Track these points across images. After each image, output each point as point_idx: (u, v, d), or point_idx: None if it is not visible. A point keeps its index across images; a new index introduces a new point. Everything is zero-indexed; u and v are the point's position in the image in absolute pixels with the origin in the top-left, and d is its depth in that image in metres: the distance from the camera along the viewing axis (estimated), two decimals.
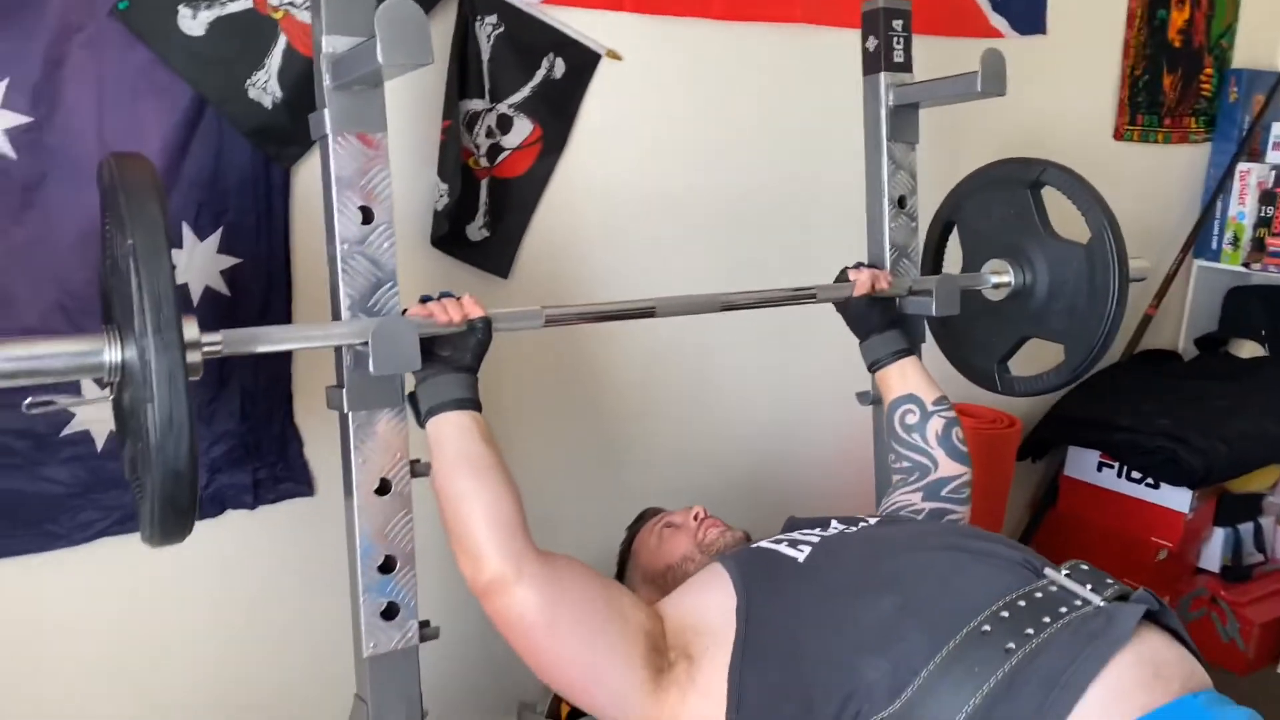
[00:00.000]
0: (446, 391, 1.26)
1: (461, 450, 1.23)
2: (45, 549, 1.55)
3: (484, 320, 1.30)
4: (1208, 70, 2.90)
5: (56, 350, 1.01)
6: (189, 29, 1.49)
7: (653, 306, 1.50)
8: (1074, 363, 1.70)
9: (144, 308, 0.93)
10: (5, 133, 1.41)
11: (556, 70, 1.81)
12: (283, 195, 1.61)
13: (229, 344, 1.13)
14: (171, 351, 0.93)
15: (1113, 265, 1.62)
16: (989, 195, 1.80)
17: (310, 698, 1.75)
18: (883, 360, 1.65)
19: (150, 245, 0.94)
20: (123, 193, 0.97)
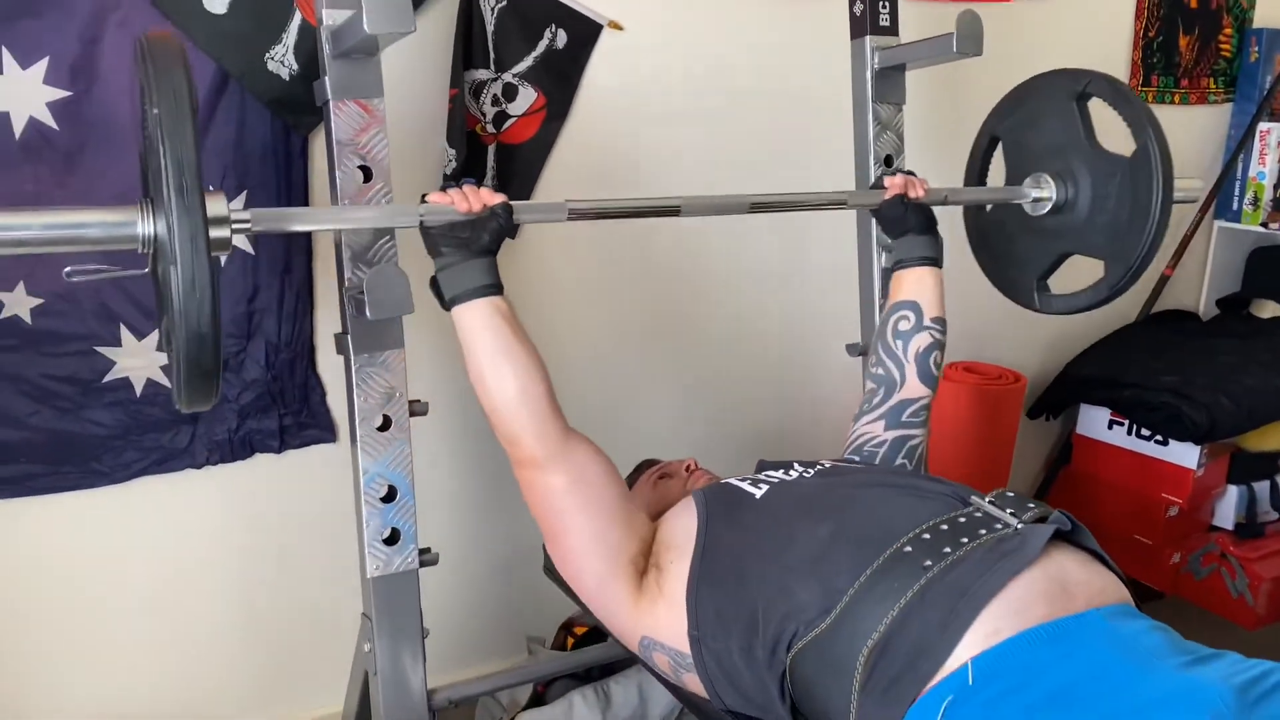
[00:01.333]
0: (469, 278, 1.29)
1: (488, 336, 1.29)
2: (91, 486, 1.71)
3: (504, 206, 1.32)
4: (1227, 30, 2.89)
5: (94, 219, 1.03)
6: (212, 7, 1.62)
7: (678, 205, 1.50)
8: (1113, 279, 1.66)
9: (168, 174, 0.95)
10: (48, 106, 1.55)
11: (559, 40, 1.91)
12: (301, 160, 1.74)
13: (258, 221, 1.19)
14: (193, 215, 0.96)
15: (1156, 179, 1.57)
16: (1034, 107, 1.76)
17: (329, 618, 1.91)
18: (906, 262, 1.64)
19: (175, 115, 0.96)
20: (151, 66, 1.00)
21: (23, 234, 1.01)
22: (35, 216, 1.02)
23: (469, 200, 1.31)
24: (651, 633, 1.29)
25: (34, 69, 1.53)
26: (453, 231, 1.31)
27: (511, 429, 1.29)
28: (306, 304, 1.80)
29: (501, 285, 1.32)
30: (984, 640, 1.03)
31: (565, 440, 1.30)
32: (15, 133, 1.54)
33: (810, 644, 1.12)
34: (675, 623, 1.26)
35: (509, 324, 1.30)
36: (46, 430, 1.65)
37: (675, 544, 1.31)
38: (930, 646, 1.04)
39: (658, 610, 1.28)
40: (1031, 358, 2.79)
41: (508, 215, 1.32)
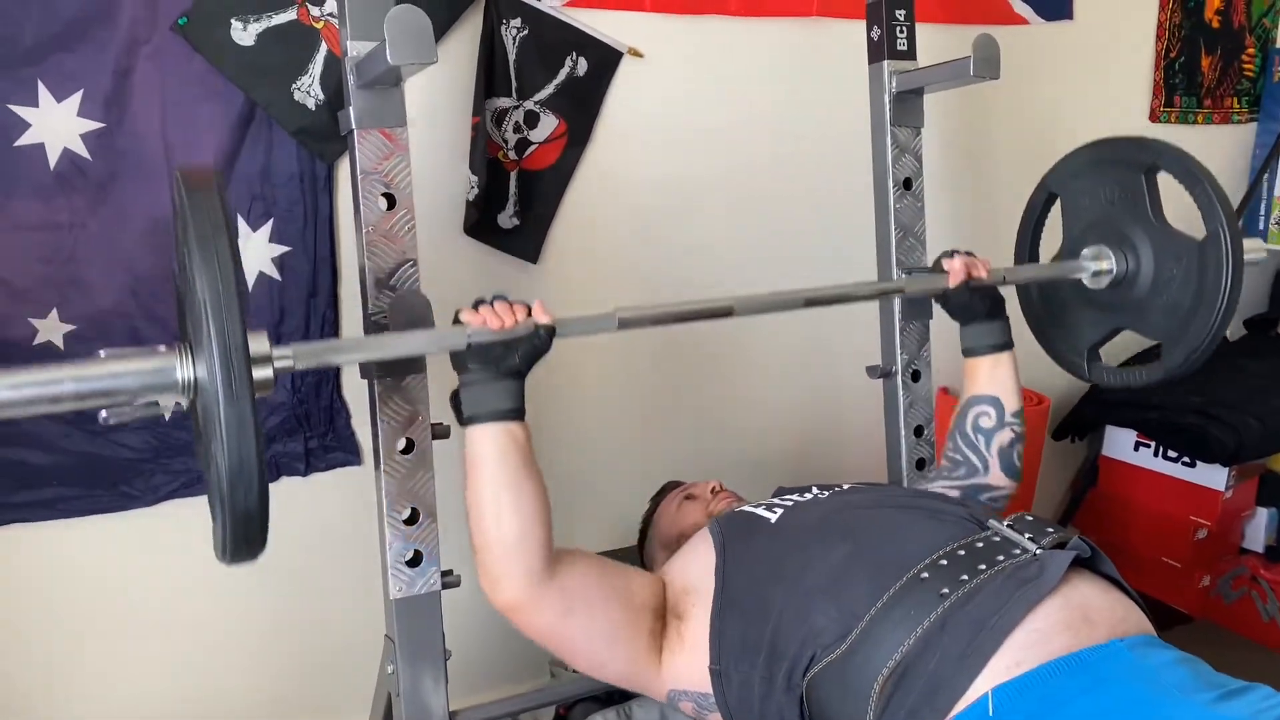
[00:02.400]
0: (490, 401, 1.22)
1: (496, 465, 1.21)
2: (121, 509, 1.74)
3: (548, 329, 1.23)
4: (1249, 50, 2.89)
5: (130, 369, 0.98)
6: (241, 40, 1.66)
7: (730, 306, 1.44)
8: (1171, 364, 1.60)
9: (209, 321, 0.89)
10: (81, 137, 1.59)
11: (579, 68, 1.94)
12: (326, 188, 1.77)
13: (300, 358, 1.13)
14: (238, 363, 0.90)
15: (1226, 270, 1.49)
16: (1100, 173, 1.69)
17: (353, 640, 1.91)
18: (978, 350, 1.59)
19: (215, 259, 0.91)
20: (189, 208, 0.94)
21: (55, 390, 0.95)
22: (69, 371, 0.96)
23: (502, 318, 1.21)
24: (677, 683, 1.29)
25: (68, 102, 1.58)
26: (484, 350, 1.22)
27: (498, 571, 1.22)
28: (332, 328, 1.82)
29: (523, 410, 1.24)
30: (1005, 672, 1.02)
31: (551, 576, 1.23)
32: (50, 164, 1.59)
33: (826, 668, 1.12)
34: (698, 664, 1.27)
35: (521, 455, 1.22)
36: (78, 454, 1.69)
37: (694, 586, 1.31)
38: (949, 678, 1.04)
39: (678, 661, 1.28)
40: (1055, 379, 2.75)
41: (548, 338, 1.23)
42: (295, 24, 1.70)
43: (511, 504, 1.21)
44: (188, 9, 1.62)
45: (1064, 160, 1.76)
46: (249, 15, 1.66)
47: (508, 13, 1.84)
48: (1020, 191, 2.50)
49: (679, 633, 1.29)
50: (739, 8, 2.07)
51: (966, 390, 1.60)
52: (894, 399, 1.89)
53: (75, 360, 0.97)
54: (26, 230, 1.59)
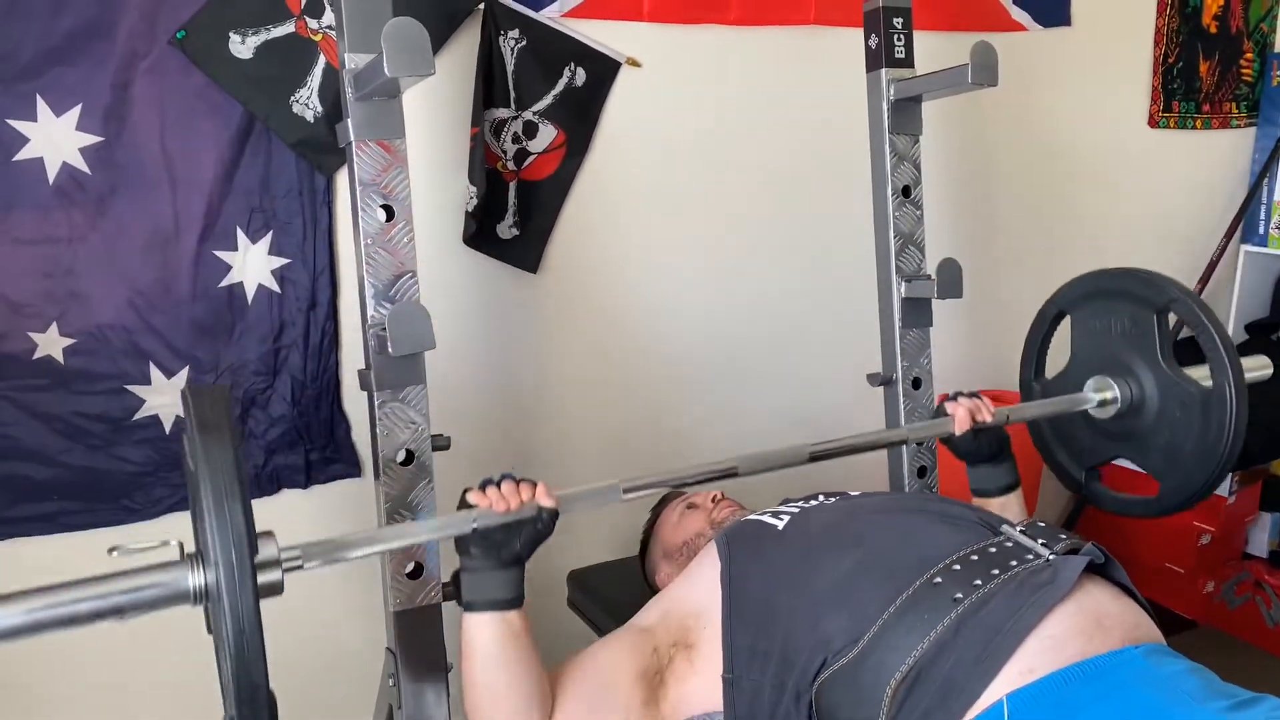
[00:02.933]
0: (488, 590, 1.21)
1: (495, 650, 1.22)
2: (122, 522, 1.74)
3: (551, 513, 1.21)
4: (1248, 55, 2.89)
5: (144, 584, 1.00)
6: (239, 53, 1.67)
7: (734, 466, 1.40)
8: (1167, 504, 1.62)
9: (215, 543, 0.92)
10: (80, 151, 1.60)
11: (578, 79, 1.94)
12: (325, 200, 1.77)
13: (309, 556, 1.14)
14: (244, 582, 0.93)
15: (1229, 425, 1.50)
16: (1111, 302, 1.68)
17: (354, 652, 1.91)
18: (988, 493, 1.60)
19: (223, 484, 0.93)
20: (198, 432, 0.96)
21: (72, 611, 0.96)
22: (85, 590, 0.97)
23: (507, 500, 1.20)
24: (691, 709, 1.28)
25: (67, 116, 1.58)
26: (485, 535, 1.20)
27: None
28: (332, 340, 1.82)
29: (522, 598, 1.24)
30: (1019, 677, 1.02)
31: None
32: (49, 178, 1.59)
33: (837, 674, 1.12)
34: (708, 683, 1.26)
35: (516, 644, 1.22)
36: (78, 468, 1.69)
37: (701, 607, 1.31)
38: (963, 683, 1.04)
39: (687, 688, 1.28)
40: None
41: (551, 522, 1.22)
42: (293, 37, 1.70)
43: (505, 688, 1.21)
44: (186, 22, 1.62)
45: (1077, 281, 1.75)
46: (247, 28, 1.66)
47: (506, 24, 1.84)
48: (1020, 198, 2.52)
49: (689, 660, 1.29)
50: (736, 17, 2.07)
51: None
52: (895, 406, 1.89)
53: (87, 580, 0.98)
54: (26, 244, 1.60)
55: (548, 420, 2.08)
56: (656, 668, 1.28)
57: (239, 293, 1.75)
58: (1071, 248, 2.66)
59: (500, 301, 1.99)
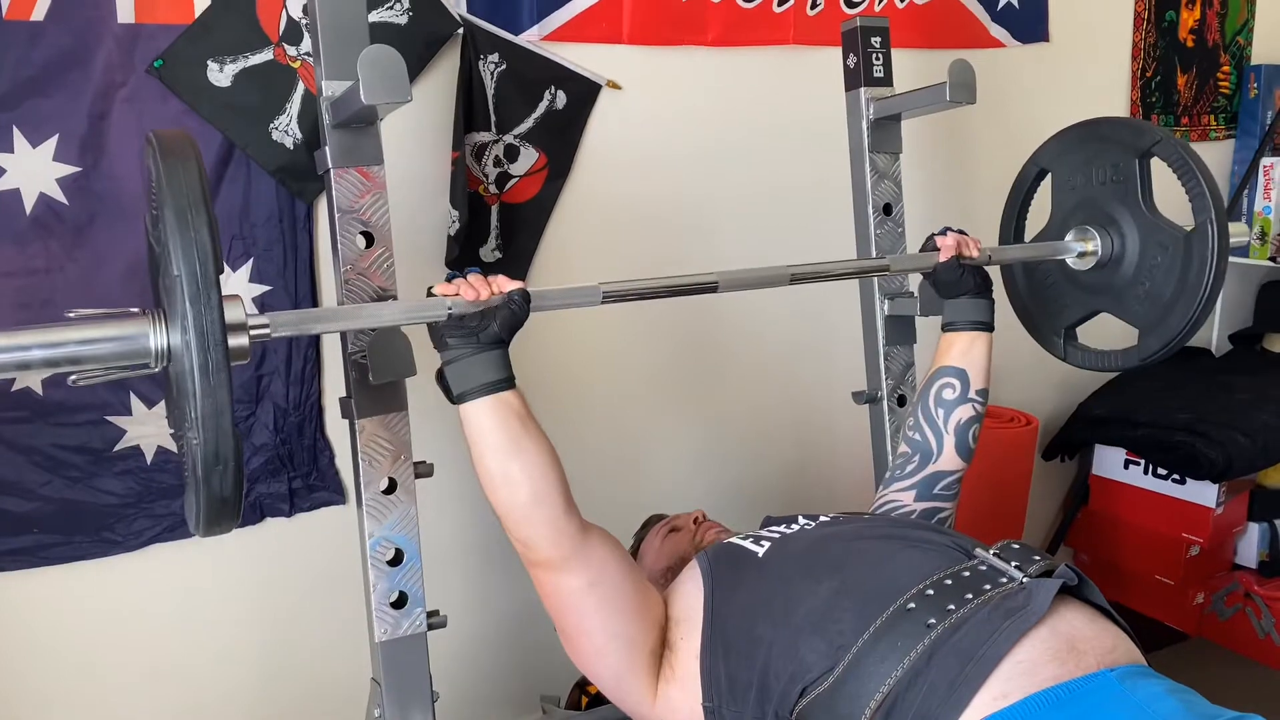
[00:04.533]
0: (477, 374, 1.20)
1: (498, 435, 1.19)
2: (103, 555, 1.72)
3: (521, 293, 1.21)
4: (1225, 68, 2.91)
5: (101, 335, 0.95)
6: (217, 81, 1.66)
7: (715, 281, 1.43)
8: (1146, 351, 1.61)
9: (182, 283, 0.88)
10: (58, 181, 1.59)
11: (558, 101, 1.94)
12: (306, 227, 1.77)
13: (276, 326, 1.11)
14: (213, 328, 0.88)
15: (1210, 263, 1.50)
16: (1093, 152, 1.67)
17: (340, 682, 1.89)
18: (958, 325, 1.57)
19: (189, 215, 0.89)
20: (161, 162, 0.93)
21: (24, 356, 0.93)
22: (37, 335, 0.94)
23: (476, 289, 1.20)
24: (667, 716, 1.27)
25: (44, 146, 1.57)
26: (460, 322, 1.20)
27: (525, 533, 1.22)
28: (314, 367, 1.81)
29: (513, 378, 1.22)
30: (992, 703, 1.01)
31: (582, 539, 1.23)
32: (26, 209, 1.58)
33: (814, 702, 1.11)
34: (690, 700, 1.25)
35: (520, 421, 1.20)
36: (58, 500, 1.67)
37: (684, 618, 1.30)
38: (937, 711, 1.03)
39: (671, 693, 1.26)
40: (1043, 399, 2.78)
41: (525, 303, 1.22)
42: (272, 64, 1.70)
43: (520, 469, 1.19)
44: (163, 51, 1.62)
45: (1058, 136, 1.75)
46: (225, 56, 1.66)
47: (485, 48, 1.84)
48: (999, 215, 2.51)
49: (669, 663, 1.28)
50: (716, 38, 2.08)
51: (936, 362, 1.58)
52: (880, 424, 1.89)
53: (44, 325, 0.94)
54: (3, 276, 1.58)
55: None
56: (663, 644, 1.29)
57: None
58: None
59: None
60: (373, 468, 1.42)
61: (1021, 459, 2.55)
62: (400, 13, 1.76)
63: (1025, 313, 1.82)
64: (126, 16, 1.59)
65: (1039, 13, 2.52)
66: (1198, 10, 2.81)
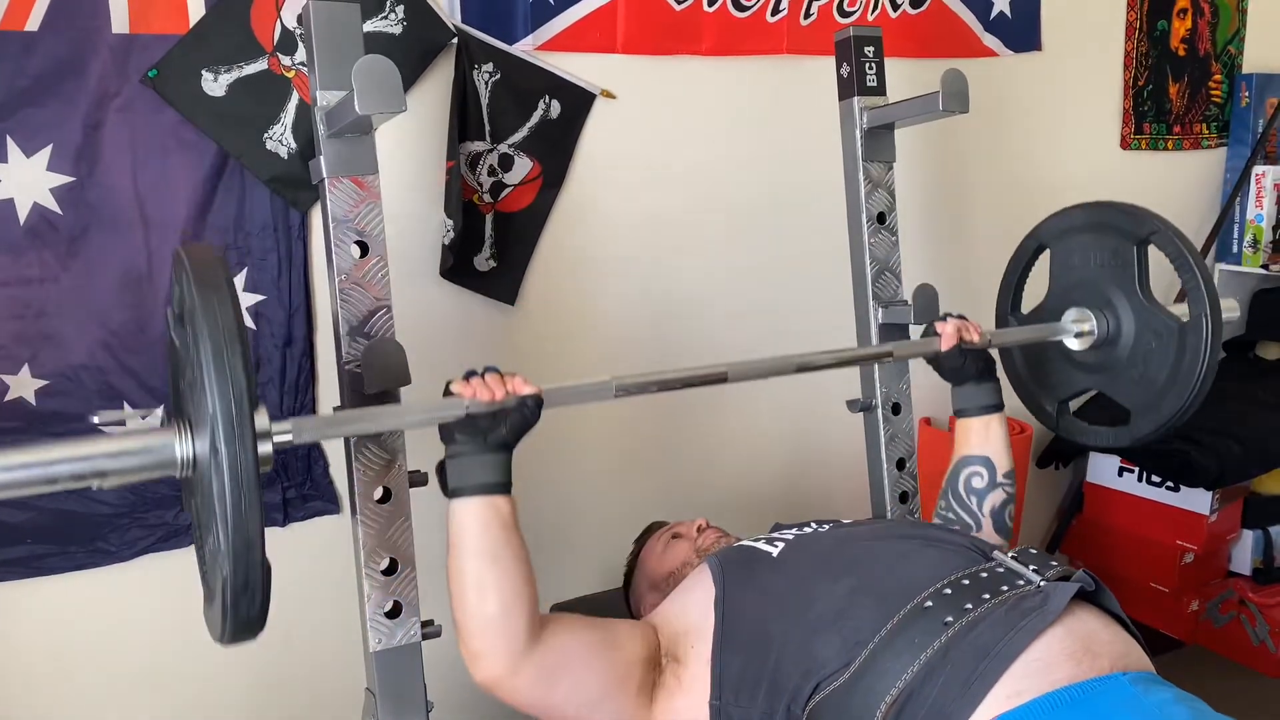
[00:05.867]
0: (475, 474, 1.19)
1: (482, 539, 1.18)
2: (97, 565, 1.72)
3: (535, 399, 1.21)
4: (1216, 77, 2.93)
5: (127, 448, 0.96)
6: (211, 90, 1.66)
7: (724, 372, 1.44)
8: (1138, 432, 1.64)
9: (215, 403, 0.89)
10: (51, 191, 1.59)
11: (553, 111, 1.95)
12: (300, 236, 1.77)
13: (300, 432, 1.12)
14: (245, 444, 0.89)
15: (1204, 355, 1.52)
16: (1091, 235, 1.70)
17: (335, 693, 1.88)
18: (970, 412, 1.59)
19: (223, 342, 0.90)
20: (194, 286, 0.93)
21: (51, 472, 0.93)
22: (65, 451, 0.94)
23: (491, 390, 1.20)
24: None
25: (38, 156, 1.57)
26: (472, 421, 1.19)
27: (478, 646, 1.18)
28: (309, 377, 1.81)
29: (510, 484, 1.22)
30: (1006, 701, 1.02)
31: (530, 645, 1.18)
32: (20, 219, 1.58)
33: (828, 698, 1.12)
34: (696, 704, 1.25)
35: (505, 529, 1.19)
36: (52, 511, 1.66)
37: (693, 626, 1.30)
38: (951, 707, 1.03)
39: (676, 704, 1.26)
40: None
41: (536, 408, 1.21)
42: (266, 74, 1.70)
43: (494, 579, 1.17)
44: (158, 61, 1.62)
45: (1058, 215, 1.77)
46: (220, 66, 1.66)
47: (480, 57, 1.85)
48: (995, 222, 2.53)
49: (677, 676, 1.27)
50: (710, 48, 2.09)
51: (958, 450, 1.59)
52: (875, 432, 1.89)
53: (70, 439, 0.95)
54: None
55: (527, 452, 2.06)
56: (657, 663, 1.27)
57: None
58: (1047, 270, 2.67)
59: (478, 334, 1.98)
60: (367, 477, 1.41)
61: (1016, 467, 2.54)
62: (395, 22, 1.76)
63: (1020, 383, 1.84)
64: (121, 26, 1.59)
65: (1031, 22, 2.53)
66: (1189, 19, 2.82)
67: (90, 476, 0.95)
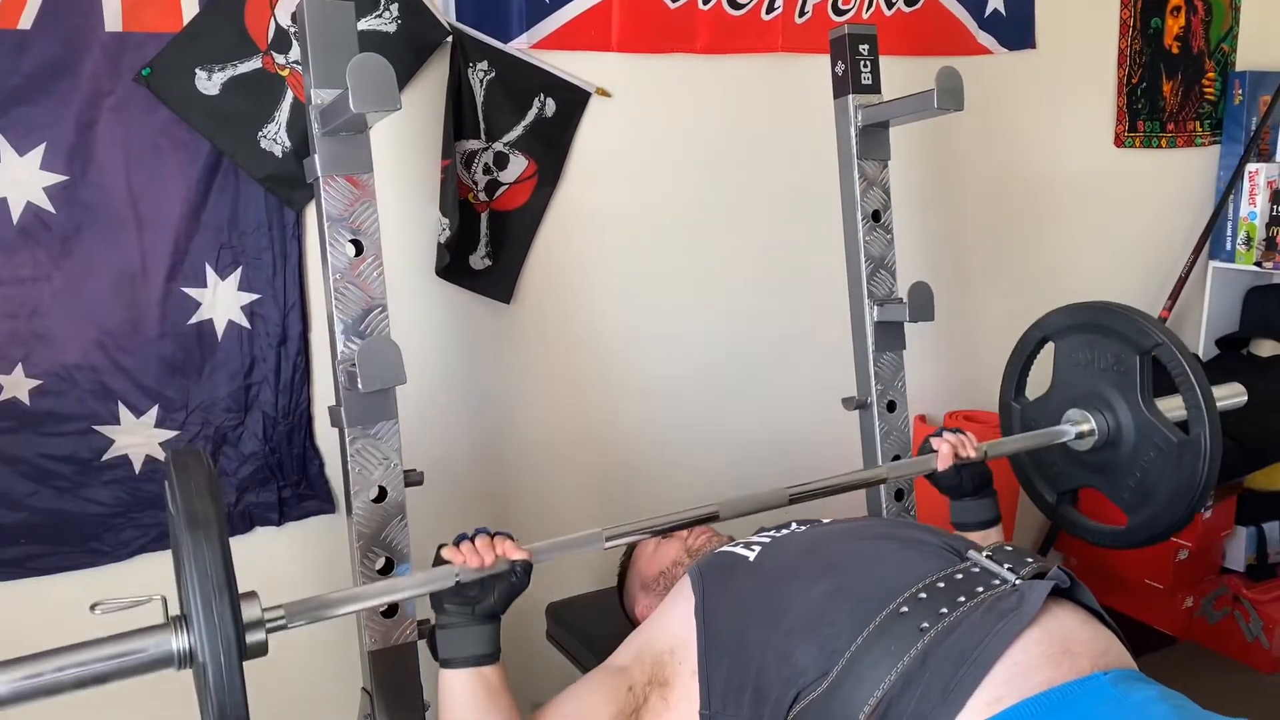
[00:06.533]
0: (465, 645, 1.22)
1: (469, 708, 1.22)
2: (91, 565, 1.71)
3: (524, 565, 1.22)
4: (1210, 74, 2.93)
5: (127, 650, 1.02)
6: (205, 89, 1.66)
7: (715, 511, 1.43)
8: (1133, 538, 1.67)
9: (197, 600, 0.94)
10: (45, 190, 1.58)
11: (548, 109, 1.94)
12: (295, 235, 1.76)
13: (293, 616, 1.15)
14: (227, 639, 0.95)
15: (1202, 473, 1.54)
16: (1098, 337, 1.69)
17: (332, 694, 1.89)
18: (969, 527, 1.61)
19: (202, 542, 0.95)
20: (178, 492, 0.99)
21: (57, 678, 0.99)
22: (67, 658, 1.00)
23: (481, 556, 1.21)
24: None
25: (31, 155, 1.56)
26: (461, 590, 1.21)
27: None
28: (303, 375, 1.81)
29: (499, 653, 1.24)
30: (985, 708, 1.01)
31: None
32: (13, 218, 1.57)
33: (809, 707, 1.11)
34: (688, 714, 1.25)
35: (492, 699, 1.22)
36: (46, 510, 1.66)
37: (676, 642, 1.30)
38: (932, 715, 1.03)
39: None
40: None
41: (525, 575, 1.23)
42: (261, 72, 1.69)
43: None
44: (151, 60, 1.61)
45: (1064, 310, 1.77)
46: (213, 64, 1.66)
47: (475, 56, 1.84)
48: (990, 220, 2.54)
49: (664, 699, 1.27)
50: (705, 46, 2.09)
51: None
52: (870, 430, 1.89)
53: (71, 648, 1.00)
54: None
55: (523, 451, 2.07)
56: (633, 708, 1.27)
57: (208, 329, 1.73)
58: (1042, 267, 2.68)
59: (474, 332, 1.98)
60: (362, 476, 1.42)
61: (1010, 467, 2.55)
62: (389, 21, 1.76)
63: (1021, 469, 1.87)
64: (114, 25, 1.58)
65: (1026, 20, 2.53)
66: (1182, 17, 2.82)
67: (92, 681, 1.01)
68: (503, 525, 1.31)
